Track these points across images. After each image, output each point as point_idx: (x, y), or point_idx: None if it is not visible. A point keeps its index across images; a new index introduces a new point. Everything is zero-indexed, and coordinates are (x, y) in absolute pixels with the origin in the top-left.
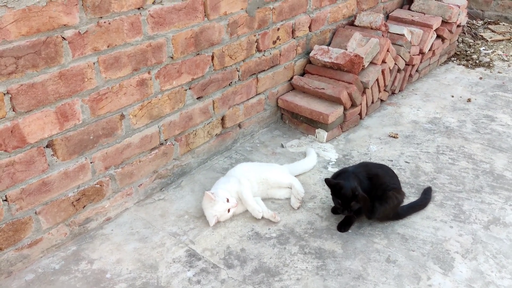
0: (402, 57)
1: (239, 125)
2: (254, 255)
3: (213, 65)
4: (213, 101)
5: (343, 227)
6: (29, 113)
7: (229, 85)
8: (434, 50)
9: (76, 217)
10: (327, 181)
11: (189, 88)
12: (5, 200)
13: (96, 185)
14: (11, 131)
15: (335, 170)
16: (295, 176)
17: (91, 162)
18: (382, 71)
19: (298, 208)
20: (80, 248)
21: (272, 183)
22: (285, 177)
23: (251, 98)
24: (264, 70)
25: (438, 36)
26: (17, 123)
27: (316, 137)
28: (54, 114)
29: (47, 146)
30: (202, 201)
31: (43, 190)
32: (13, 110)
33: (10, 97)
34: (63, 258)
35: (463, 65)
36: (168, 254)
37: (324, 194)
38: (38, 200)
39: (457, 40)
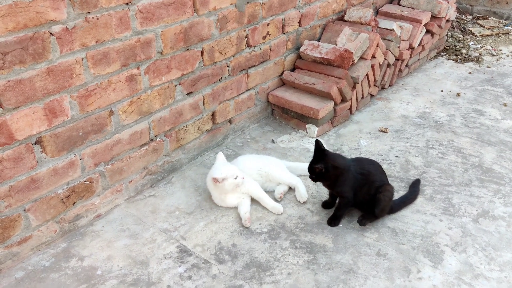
0: (391, 52)
1: (230, 121)
2: (245, 250)
3: (202, 60)
4: (203, 96)
5: (333, 221)
6: (16, 109)
7: (219, 80)
8: (423, 45)
9: (66, 214)
10: (317, 141)
11: (179, 84)
12: None
13: (86, 182)
14: None
15: None
16: (293, 173)
17: (80, 159)
18: (372, 66)
19: (305, 202)
20: (70, 245)
21: (273, 178)
22: (289, 176)
23: (241, 93)
24: (254, 66)
25: (428, 31)
26: (5, 120)
27: (307, 132)
28: (42, 111)
29: (35, 143)
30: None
31: (32, 187)
32: (1, 107)
33: None
34: (53, 256)
35: (453, 59)
36: (159, 250)
37: (315, 189)
38: (27, 197)
39: (446, 35)
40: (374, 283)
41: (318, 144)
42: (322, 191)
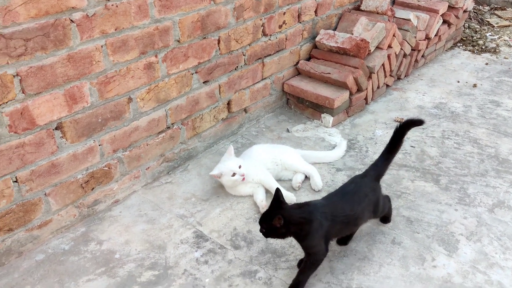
0: (408, 42)
1: (245, 110)
2: (260, 236)
3: (219, 49)
4: (219, 85)
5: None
6: (38, 95)
7: (235, 69)
8: (440, 36)
9: (85, 199)
10: (277, 190)
11: (196, 72)
12: (16, 182)
13: (105, 168)
14: (21, 113)
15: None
16: (307, 161)
17: (99, 145)
18: (388, 56)
19: (319, 190)
20: (89, 230)
21: (288, 167)
22: (304, 165)
23: (257, 82)
24: (270, 55)
25: (444, 22)
26: (27, 105)
27: (322, 122)
28: (63, 97)
29: (56, 128)
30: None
31: (53, 172)
32: (23, 92)
33: (20, 79)
34: (72, 239)
35: (469, 50)
36: (176, 235)
37: (330, 178)
38: (48, 182)
39: (463, 25)
40: (389, 270)
41: (277, 193)
42: (337, 180)
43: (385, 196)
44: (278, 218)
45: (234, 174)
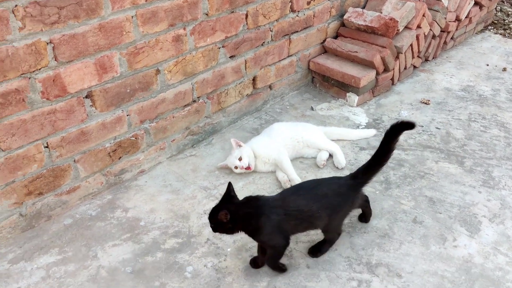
0: (437, 23)
1: (270, 87)
2: None
3: (246, 23)
4: (245, 60)
5: (314, 251)
6: (70, 63)
7: (262, 45)
8: (471, 18)
9: (112, 168)
10: (229, 184)
11: (223, 46)
12: (47, 147)
13: (132, 138)
14: (53, 80)
15: (373, 134)
16: (329, 138)
17: (127, 115)
18: (417, 36)
19: (342, 168)
20: (115, 197)
21: (310, 144)
22: (328, 143)
23: (283, 59)
24: (297, 31)
25: (476, 3)
26: (59, 73)
27: (347, 101)
28: (93, 66)
29: (86, 97)
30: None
31: (82, 140)
32: (55, 60)
33: (53, 47)
34: (99, 206)
35: (500, 34)
36: (199, 206)
37: (353, 156)
38: (77, 149)
39: (495, 8)
40: (409, 248)
41: (229, 188)
42: (360, 159)
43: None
44: (224, 213)
45: (237, 167)
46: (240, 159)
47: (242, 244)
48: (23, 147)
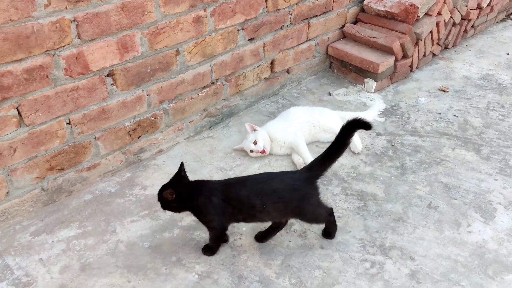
0: (458, 11)
1: (288, 71)
2: None
3: (266, 6)
4: (264, 43)
5: (206, 251)
6: (93, 41)
7: (281, 28)
8: (492, 6)
9: (131, 146)
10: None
11: (242, 29)
12: (69, 124)
13: (151, 118)
14: (76, 58)
15: (382, 119)
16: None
17: (147, 95)
18: (437, 23)
19: (359, 153)
20: (134, 175)
21: (327, 129)
22: None
23: (301, 43)
24: (316, 16)
25: None
26: (82, 51)
27: (365, 86)
28: (115, 45)
29: (108, 75)
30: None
31: (103, 117)
32: (79, 38)
33: (76, 25)
34: (118, 183)
35: None
36: None
37: (369, 141)
38: (98, 126)
39: None
40: (423, 232)
41: (181, 168)
42: (377, 144)
43: (324, 207)
44: (169, 192)
45: (252, 151)
46: (255, 143)
47: (257, 224)
48: (46, 123)
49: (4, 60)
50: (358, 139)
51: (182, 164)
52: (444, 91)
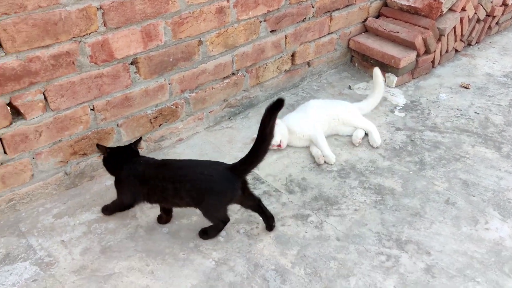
0: (483, 7)
1: (308, 63)
2: (315, 184)
3: None
4: (285, 35)
5: (105, 210)
6: (118, 29)
7: (303, 21)
8: None
9: (152, 134)
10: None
11: (264, 20)
12: (92, 110)
13: (172, 106)
14: (101, 45)
15: (402, 114)
16: (364, 111)
17: (169, 84)
18: (461, 19)
19: (377, 147)
20: None
21: (346, 122)
22: (364, 121)
23: (323, 36)
24: (338, 9)
25: None
26: (107, 38)
27: (386, 81)
28: (139, 33)
29: (131, 63)
30: None
31: (126, 105)
32: (104, 25)
33: (103, 13)
34: None
35: None
36: None
37: (388, 136)
38: (121, 113)
39: None
40: (440, 228)
41: (136, 141)
42: (396, 139)
43: (224, 214)
44: (104, 148)
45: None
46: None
47: (274, 213)
48: (70, 108)
49: (33, 46)
50: (377, 133)
51: (140, 138)
52: (466, 87)
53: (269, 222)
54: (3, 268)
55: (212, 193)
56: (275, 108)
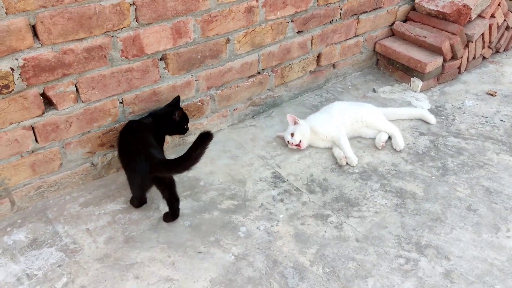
0: None
1: (333, 65)
2: (336, 185)
3: (317, 0)
4: (312, 36)
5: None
6: (149, 25)
7: (330, 22)
8: None
9: None
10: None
11: (292, 21)
12: (121, 103)
13: (198, 103)
14: (133, 40)
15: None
16: (389, 118)
17: (196, 80)
18: (490, 26)
19: (400, 151)
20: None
21: (370, 125)
22: (387, 124)
23: (349, 38)
24: (366, 12)
25: None
26: (138, 34)
27: (410, 85)
28: (170, 30)
29: (161, 59)
30: None
31: (153, 99)
32: (136, 21)
33: (135, 8)
34: None
35: None
36: (256, 173)
37: (412, 140)
38: (148, 107)
39: None
40: (460, 234)
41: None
42: (419, 144)
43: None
44: (179, 112)
45: (289, 142)
46: (292, 135)
47: (294, 212)
48: (100, 101)
49: (67, 38)
50: (400, 137)
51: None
52: (492, 95)
53: (168, 216)
54: (30, 253)
55: (128, 169)
56: (207, 137)
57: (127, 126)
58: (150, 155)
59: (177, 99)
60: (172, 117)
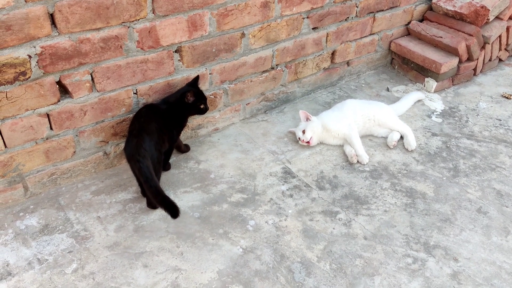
0: None
1: (348, 63)
2: (346, 183)
3: None
4: (327, 33)
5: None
6: (165, 17)
7: (346, 20)
8: None
9: (190, 122)
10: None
11: (307, 17)
12: (135, 93)
13: (211, 96)
14: (149, 32)
15: (439, 120)
16: (400, 114)
17: (210, 74)
18: (507, 28)
19: (412, 151)
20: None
21: (382, 124)
22: (399, 123)
23: (364, 37)
24: (382, 10)
25: None
26: (154, 25)
27: (425, 86)
28: (185, 22)
29: (176, 51)
30: None
31: (167, 91)
32: (153, 13)
33: (152, 0)
34: (174, 155)
35: None
36: (266, 168)
37: (424, 141)
38: (161, 99)
39: None
40: (469, 236)
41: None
42: (431, 144)
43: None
44: (191, 93)
45: (299, 138)
46: (303, 132)
47: (303, 208)
48: (115, 91)
49: (85, 28)
50: (412, 137)
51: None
52: (507, 98)
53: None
54: (42, 238)
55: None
56: (174, 210)
57: (139, 110)
58: (139, 140)
59: (196, 79)
60: (184, 100)
